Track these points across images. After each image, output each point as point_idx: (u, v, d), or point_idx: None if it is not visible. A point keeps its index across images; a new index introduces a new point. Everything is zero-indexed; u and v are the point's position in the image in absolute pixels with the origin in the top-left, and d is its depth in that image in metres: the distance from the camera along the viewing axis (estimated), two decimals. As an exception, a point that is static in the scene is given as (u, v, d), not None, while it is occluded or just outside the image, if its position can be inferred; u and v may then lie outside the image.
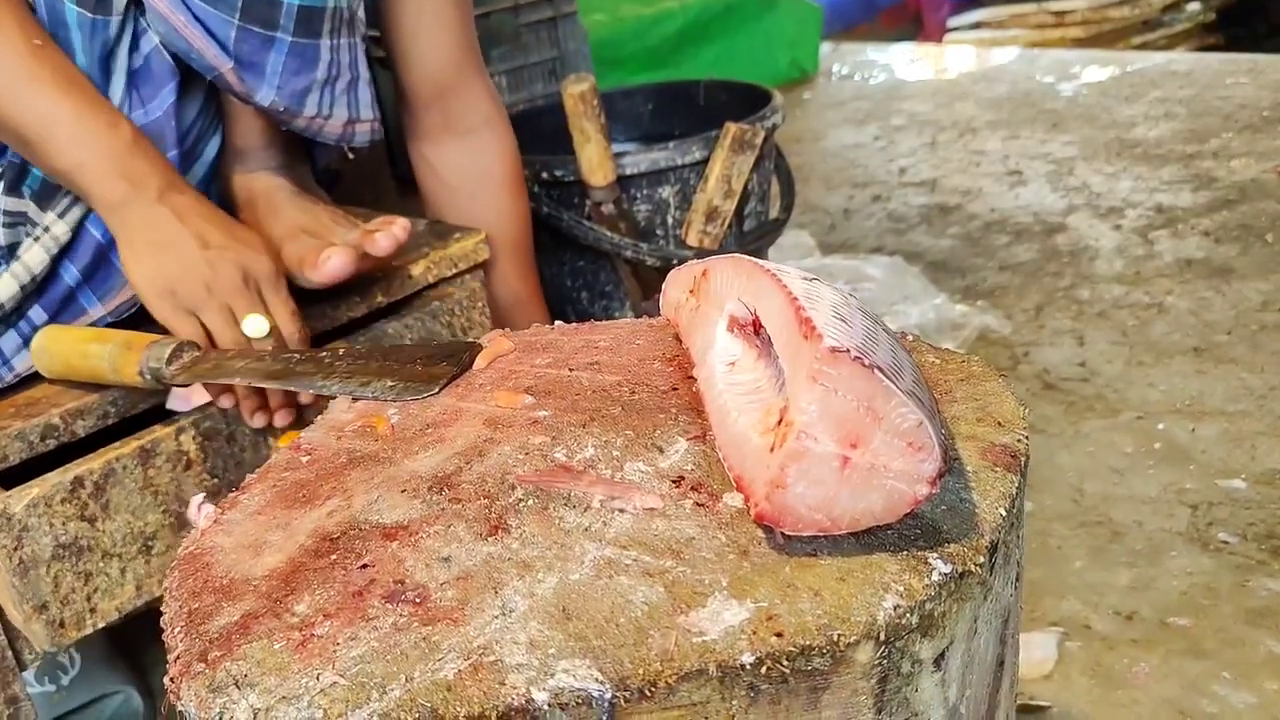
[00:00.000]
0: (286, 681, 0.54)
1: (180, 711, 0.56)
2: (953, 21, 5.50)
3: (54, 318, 1.07)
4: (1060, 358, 2.12)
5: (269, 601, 0.60)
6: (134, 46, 1.03)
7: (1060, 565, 1.55)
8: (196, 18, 1.01)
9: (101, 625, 1.04)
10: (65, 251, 1.05)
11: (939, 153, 3.42)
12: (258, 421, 1.04)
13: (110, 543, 1.03)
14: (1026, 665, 1.35)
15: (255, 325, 1.00)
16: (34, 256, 1.03)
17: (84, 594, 1.02)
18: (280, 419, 1.05)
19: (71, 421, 1.03)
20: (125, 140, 0.98)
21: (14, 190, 1.03)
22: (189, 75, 1.07)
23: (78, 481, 1.00)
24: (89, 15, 0.98)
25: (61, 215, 1.03)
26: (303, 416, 1.06)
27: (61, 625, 1.01)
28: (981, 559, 0.57)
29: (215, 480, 1.09)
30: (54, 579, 1.00)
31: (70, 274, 1.06)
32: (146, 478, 1.05)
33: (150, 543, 1.06)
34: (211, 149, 1.14)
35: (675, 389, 0.75)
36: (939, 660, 0.57)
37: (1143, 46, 4.78)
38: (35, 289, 1.05)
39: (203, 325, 1.00)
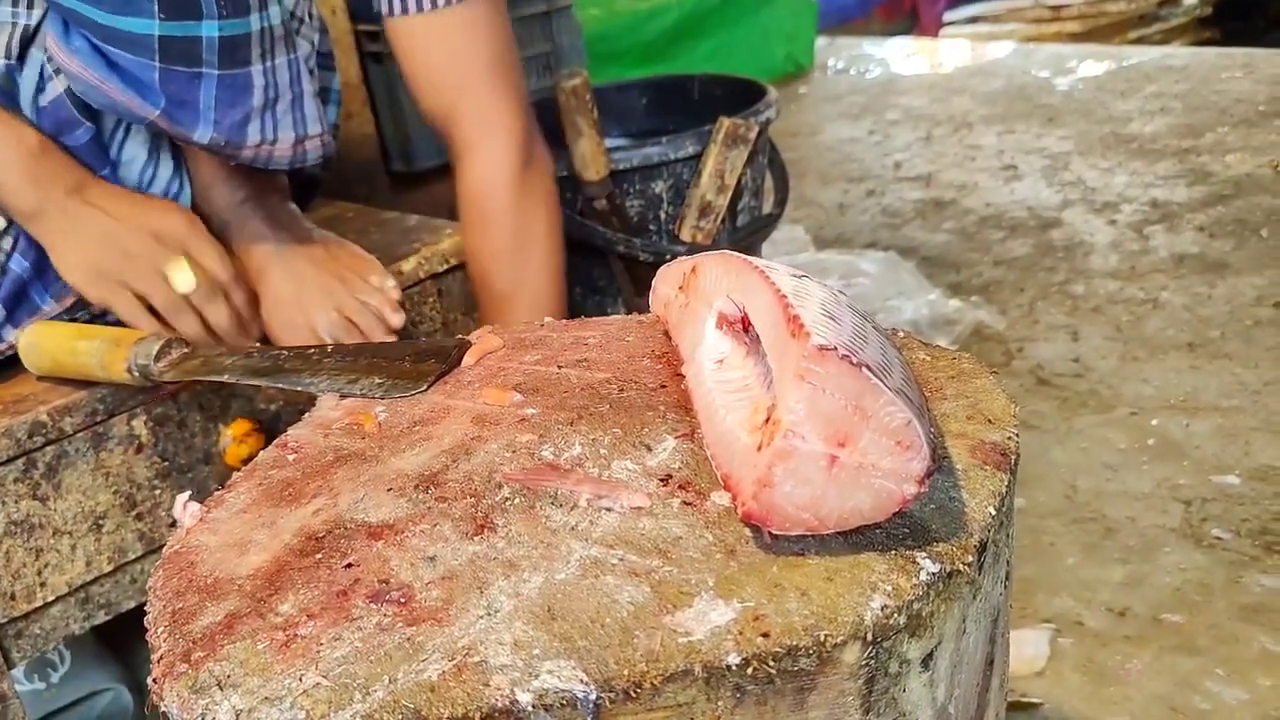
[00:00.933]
0: (269, 683, 0.54)
1: (164, 712, 0.56)
2: (948, 16, 5.50)
3: (10, 313, 1.06)
4: (1054, 353, 2.12)
5: (253, 601, 0.60)
6: (40, 88, 1.02)
7: (1053, 562, 1.54)
8: (114, 68, 0.97)
9: (51, 599, 1.06)
10: (14, 246, 1.04)
11: (934, 147, 3.41)
12: None
13: (61, 521, 1.06)
14: (1018, 662, 1.35)
15: (182, 277, 1.03)
16: None
17: (35, 568, 1.05)
18: None
19: (59, 418, 1.03)
20: (30, 149, 1.00)
21: None
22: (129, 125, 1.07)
23: (30, 462, 1.02)
24: None
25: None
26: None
27: (12, 598, 1.03)
28: (970, 558, 0.57)
29: (166, 463, 1.11)
30: (5, 554, 1.02)
31: (21, 266, 1.05)
32: (99, 460, 1.07)
33: (101, 521, 1.08)
34: (185, 200, 1.13)
35: (664, 386, 0.75)
36: (927, 660, 0.57)
37: (1139, 41, 4.78)
38: None
39: (138, 297, 1.01)
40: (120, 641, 1.46)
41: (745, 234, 1.85)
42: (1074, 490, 1.69)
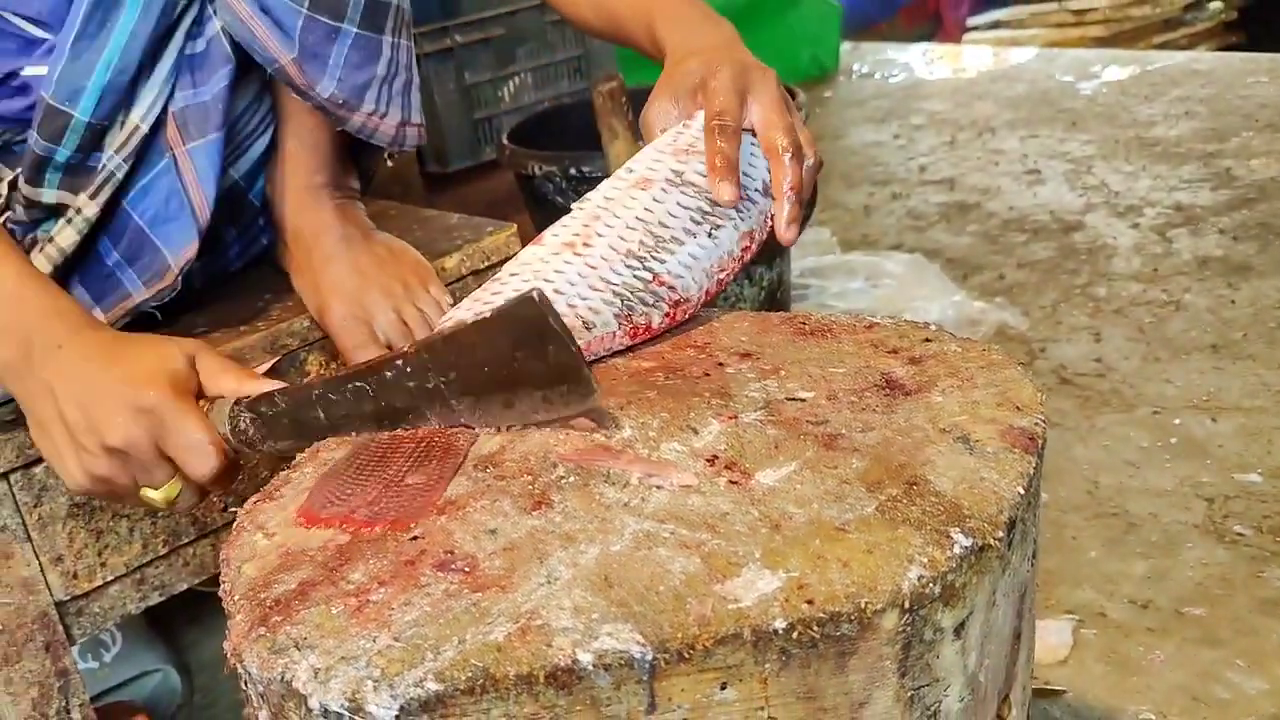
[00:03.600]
0: (345, 644, 0.57)
1: (243, 671, 0.60)
2: (972, 20, 5.51)
3: (97, 300, 1.08)
4: (1077, 353, 2.14)
5: (325, 570, 0.64)
6: (196, 31, 1.04)
7: (1075, 555, 1.57)
8: (263, 7, 1.03)
9: (110, 579, 1.10)
10: (104, 232, 1.07)
11: (958, 151, 3.44)
12: None
13: (120, 504, 1.08)
14: (1042, 650, 1.38)
15: (159, 496, 0.85)
16: (65, 237, 1.04)
17: (95, 549, 1.08)
18: None
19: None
20: (8, 293, 0.86)
21: (36, 180, 1.04)
22: (244, 70, 1.09)
23: None
24: None
25: (92, 196, 1.04)
26: None
27: (75, 576, 1.07)
28: (1000, 534, 0.61)
29: None
30: (68, 534, 1.06)
31: (110, 255, 1.08)
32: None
33: None
34: (258, 148, 1.16)
35: (708, 375, 0.79)
36: (959, 629, 0.60)
37: (1164, 45, 4.78)
38: (73, 269, 1.07)
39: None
40: (168, 625, 1.50)
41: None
42: (1096, 486, 1.72)
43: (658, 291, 0.84)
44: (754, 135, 0.91)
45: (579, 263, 0.83)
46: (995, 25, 5.34)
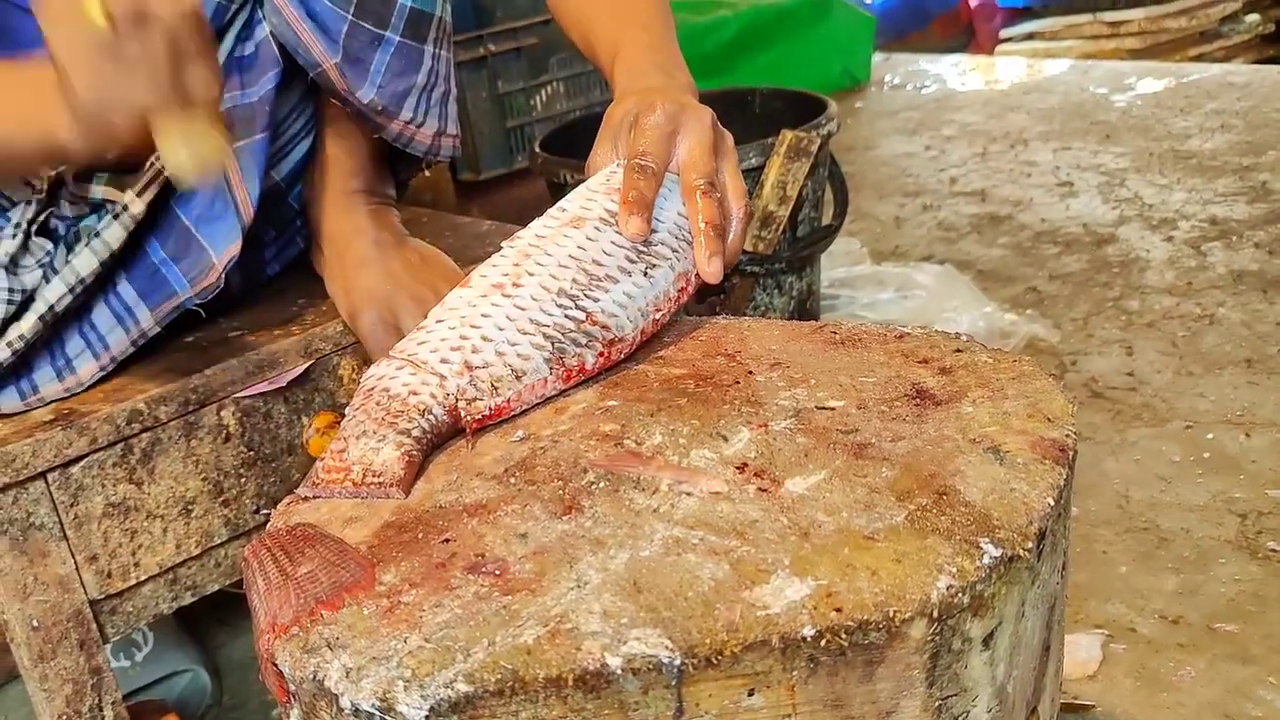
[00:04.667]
0: (376, 644, 0.58)
1: (275, 668, 0.61)
2: (1005, 32, 5.49)
3: (143, 297, 1.09)
4: (1108, 367, 2.13)
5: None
6: (245, 34, 1.07)
7: (1105, 569, 1.56)
8: (309, 12, 1.05)
9: (143, 579, 1.11)
10: (151, 231, 1.08)
11: (989, 163, 3.43)
12: None
13: (154, 504, 1.11)
14: (1070, 664, 1.37)
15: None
16: (113, 234, 1.06)
17: (129, 549, 1.10)
18: None
19: (155, 407, 1.09)
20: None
21: (85, 176, 1.05)
22: (289, 76, 1.10)
23: (128, 447, 1.07)
24: None
25: (139, 193, 1.05)
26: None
27: (109, 575, 1.09)
28: (1030, 544, 0.60)
29: (251, 453, 1.16)
30: (103, 533, 1.08)
31: (157, 253, 1.09)
32: (189, 448, 1.12)
33: (190, 506, 1.13)
34: (299, 152, 1.17)
35: (737, 383, 0.79)
36: (988, 640, 0.60)
37: (1199, 58, 4.75)
38: (120, 266, 1.08)
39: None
40: (199, 626, 1.52)
41: (805, 244, 1.89)
42: (1127, 501, 1.71)
43: (590, 331, 0.81)
44: None
45: (508, 305, 0.82)
46: (1029, 37, 5.32)
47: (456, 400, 0.77)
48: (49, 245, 1.06)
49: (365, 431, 0.75)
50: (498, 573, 0.62)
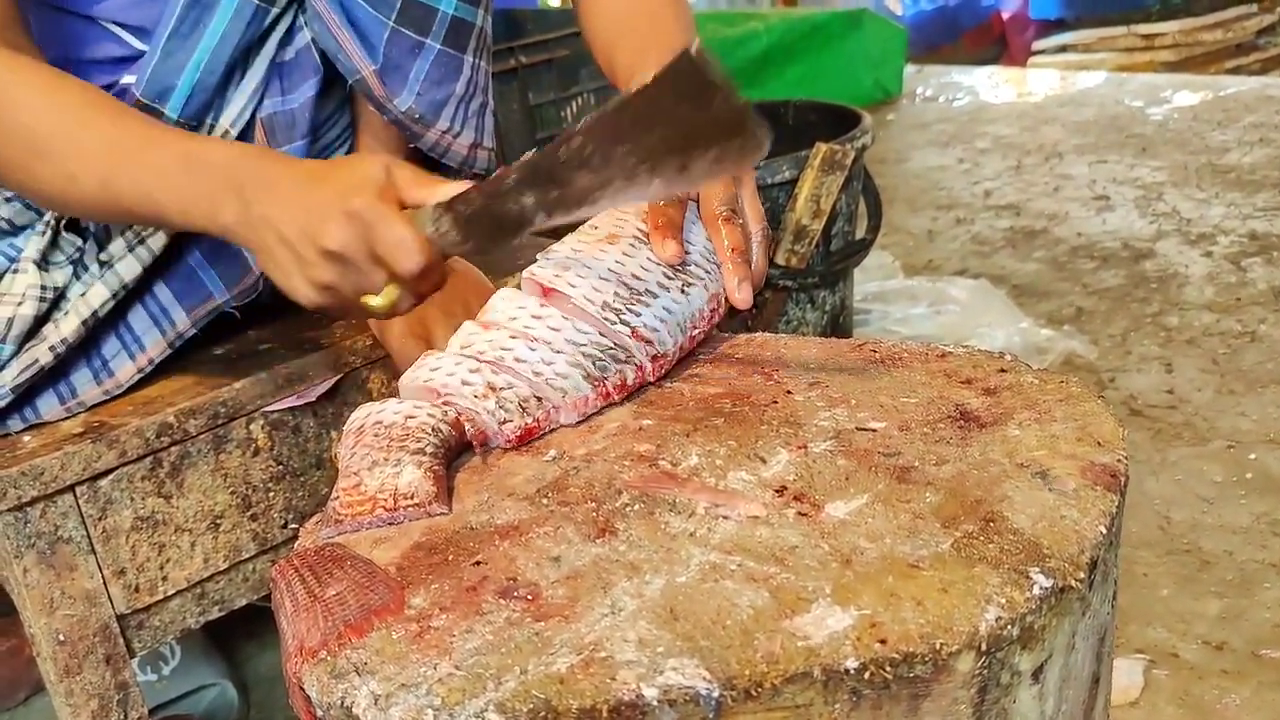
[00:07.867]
0: (405, 670, 0.57)
1: (305, 693, 0.59)
2: (1038, 44, 5.45)
3: (179, 299, 1.09)
4: (1147, 384, 2.09)
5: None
6: (287, 40, 1.06)
7: (1146, 592, 1.53)
8: (350, 19, 1.05)
9: (171, 593, 1.10)
10: (188, 233, 1.07)
11: (1024, 176, 3.39)
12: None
13: (183, 518, 1.10)
14: (1112, 691, 1.34)
15: (377, 303, 0.88)
16: (157, 240, 1.06)
17: (157, 563, 1.09)
18: None
19: (184, 420, 1.08)
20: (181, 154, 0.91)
21: None
22: (329, 83, 1.10)
23: (156, 461, 1.06)
24: (253, 1, 1.02)
25: None
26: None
27: (136, 590, 1.08)
28: (1081, 575, 0.58)
29: (280, 467, 1.15)
30: (131, 547, 1.07)
31: (193, 255, 1.09)
32: (218, 461, 1.11)
33: (218, 520, 1.12)
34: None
35: (775, 402, 0.77)
36: (1037, 673, 0.58)
37: (1236, 71, 4.70)
38: (159, 269, 1.08)
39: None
40: (226, 640, 1.51)
41: (839, 258, 1.87)
42: (1168, 522, 1.68)
43: (634, 345, 0.81)
44: None
45: (554, 315, 0.82)
46: (1062, 49, 5.28)
47: (460, 418, 0.77)
48: (79, 240, 1.06)
49: (375, 461, 0.74)
50: (530, 597, 0.60)
